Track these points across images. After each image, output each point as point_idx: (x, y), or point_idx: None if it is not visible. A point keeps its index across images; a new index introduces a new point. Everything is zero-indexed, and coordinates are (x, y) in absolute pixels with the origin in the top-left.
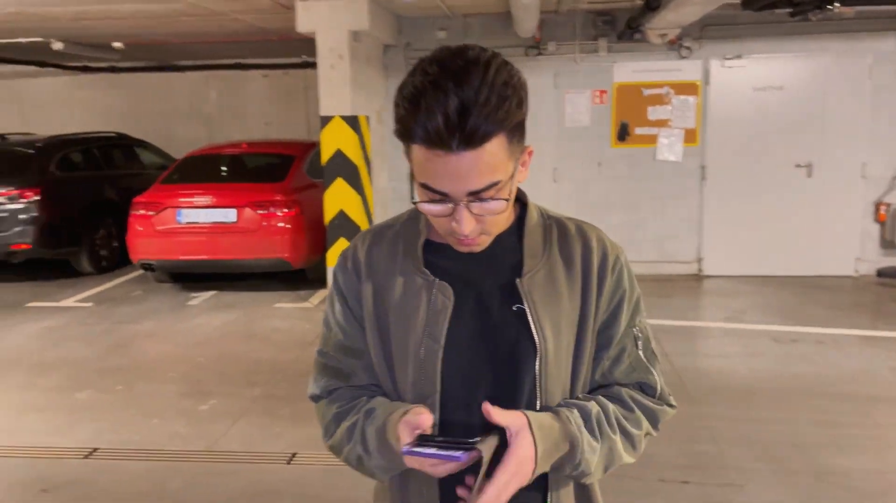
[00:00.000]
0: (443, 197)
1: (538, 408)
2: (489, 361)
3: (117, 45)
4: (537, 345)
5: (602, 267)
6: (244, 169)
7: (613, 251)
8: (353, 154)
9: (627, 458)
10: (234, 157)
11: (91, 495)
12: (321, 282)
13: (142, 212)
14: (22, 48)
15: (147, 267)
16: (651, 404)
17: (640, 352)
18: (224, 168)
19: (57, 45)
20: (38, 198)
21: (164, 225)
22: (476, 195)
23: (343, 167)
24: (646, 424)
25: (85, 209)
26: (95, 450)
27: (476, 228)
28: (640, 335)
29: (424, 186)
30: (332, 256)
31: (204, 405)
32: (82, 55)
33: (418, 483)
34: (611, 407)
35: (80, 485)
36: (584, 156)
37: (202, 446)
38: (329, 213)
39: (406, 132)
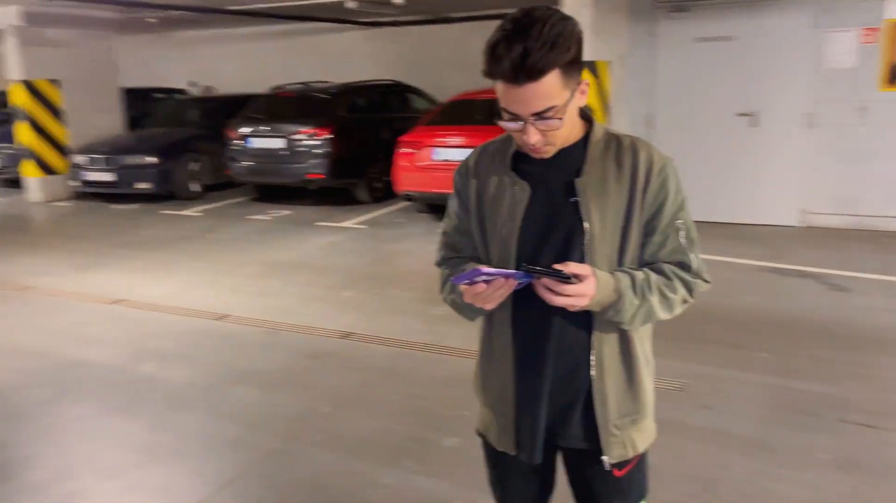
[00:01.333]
0: (515, 117)
1: None
2: (551, 238)
3: (398, 1)
4: (584, 228)
5: (648, 172)
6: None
7: (660, 161)
8: (590, 98)
9: (663, 315)
10: (487, 101)
11: (343, 364)
12: None
13: (405, 150)
14: (321, 7)
15: (408, 198)
16: (687, 276)
17: (681, 240)
18: (477, 112)
19: (350, 4)
20: (330, 136)
21: (422, 161)
22: (538, 115)
23: None
24: (682, 291)
25: (365, 147)
26: (352, 333)
27: (541, 139)
28: (681, 227)
29: (504, 110)
30: None
31: (437, 311)
32: (370, 11)
33: (499, 326)
34: (653, 276)
35: (337, 357)
36: (845, 100)
37: (429, 340)
38: None
39: (489, 73)
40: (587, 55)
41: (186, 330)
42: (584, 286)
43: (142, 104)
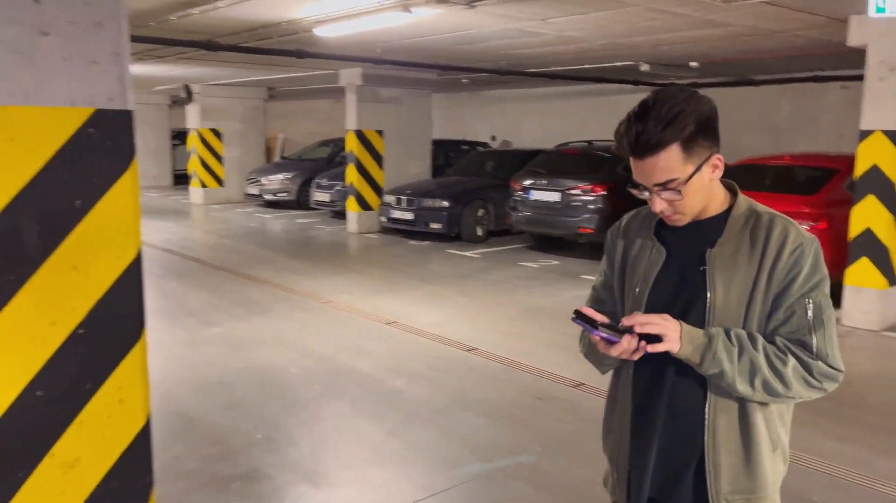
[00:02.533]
0: (641, 186)
1: None
2: (677, 303)
3: (693, 64)
4: (707, 297)
5: (780, 248)
6: (782, 179)
7: (797, 240)
8: (891, 170)
9: (777, 386)
10: (775, 167)
11: (567, 410)
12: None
13: None
14: (616, 70)
15: None
16: (803, 355)
17: (808, 319)
18: (768, 177)
19: (644, 67)
20: (604, 193)
21: None
22: (661, 186)
23: (877, 183)
24: (795, 366)
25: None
26: (583, 384)
27: (668, 208)
28: (810, 305)
29: (635, 180)
30: (853, 275)
31: None
32: (665, 74)
33: (623, 381)
34: (761, 340)
35: (563, 402)
36: None
37: None
38: (854, 230)
39: (618, 149)
40: (892, 124)
41: (439, 356)
42: (668, 320)
43: (448, 154)
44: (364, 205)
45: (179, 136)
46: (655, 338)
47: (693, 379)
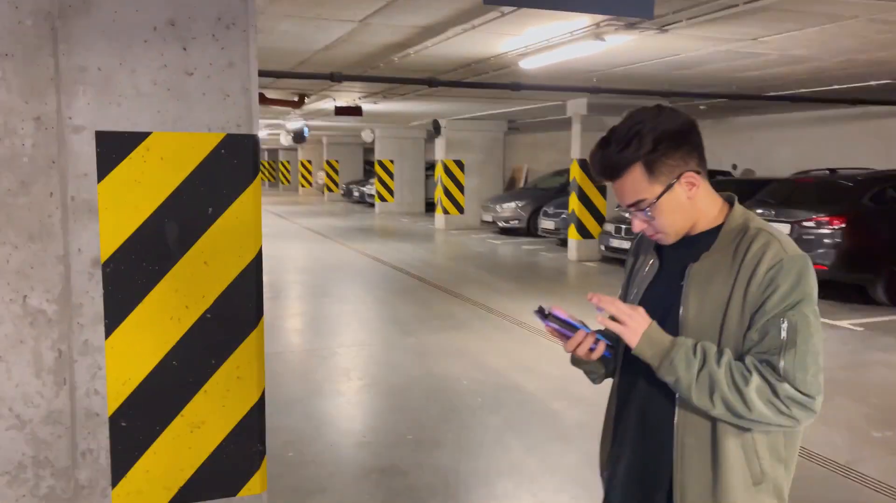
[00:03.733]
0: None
1: None
2: (658, 314)
3: None
4: (680, 312)
5: (757, 265)
6: None
7: (776, 256)
8: None
9: (737, 405)
10: None
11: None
12: None
13: None
14: (876, 90)
15: None
16: (770, 376)
17: (781, 339)
18: None
19: None
20: (843, 225)
21: None
22: (633, 206)
23: None
24: (759, 386)
25: (889, 241)
26: None
27: (647, 227)
28: (784, 324)
29: None
30: None
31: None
32: None
33: (612, 388)
34: (728, 357)
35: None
36: None
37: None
38: None
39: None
40: None
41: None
42: (637, 312)
43: None
44: (584, 233)
45: (431, 168)
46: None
47: (665, 394)
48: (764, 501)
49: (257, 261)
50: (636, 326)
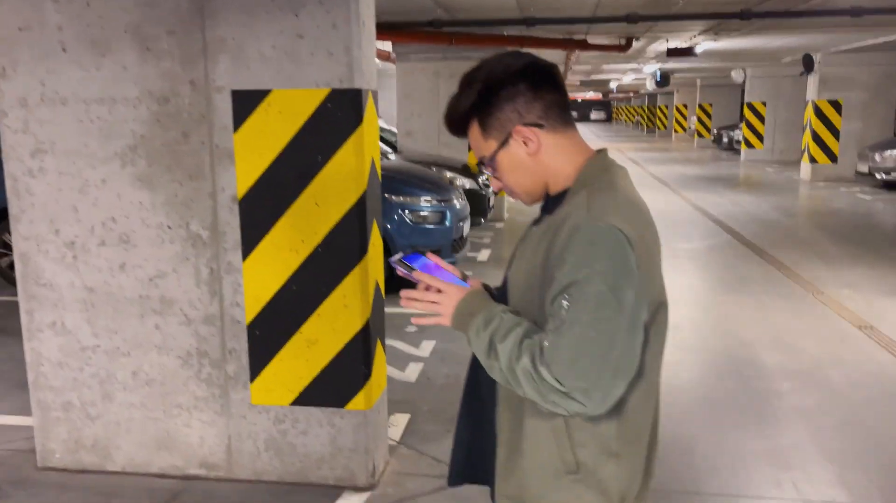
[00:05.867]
0: None
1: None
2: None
3: None
4: (506, 277)
5: (557, 229)
6: None
7: (577, 221)
8: None
9: (512, 382)
10: None
11: None
12: None
13: None
14: None
15: None
16: (536, 358)
17: (560, 318)
18: None
19: None
20: None
21: None
22: (481, 164)
23: None
24: (525, 366)
25: None
26: None
27: (499, 185)
28: (566, 304)
29: None
30: None
31: None
32: None
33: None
34: (517, 331)
35: None
36: None
37: None
38: None
39: None
40: None
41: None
42: (444, 291)
43: None
44: None
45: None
46: None
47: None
48: (580, 494)
49: (360, 204)
50: (445, 306)
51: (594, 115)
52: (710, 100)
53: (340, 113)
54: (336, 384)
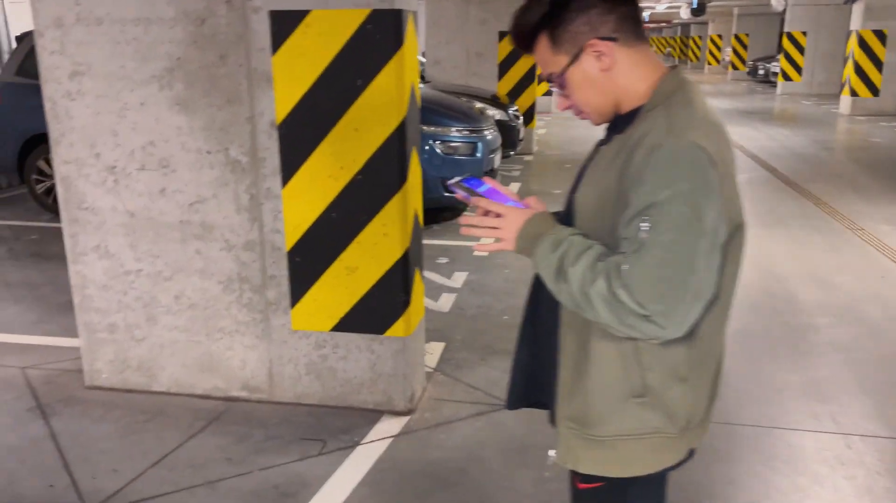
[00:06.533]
0: None
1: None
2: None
3: None
4: (573, 199)
5: (635, 147)
6: None
7: (657, 140)
8: None
9: (584, 305)
10: None
11: None
12: None
13: None
14: None
15: None
16: (613, 280)
17: (638, 240)
18: None
19: None
20: None
21: None
22: (548, 81)
23: None
24: (601, 289)
25: None
26: None
27: (566, 103)
28: (646, 226)
29: None
30: None
31: None
32: None
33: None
34: (591, 253)
35: None
36: None
37: None
38: None
39: None
40: None
41: None
42: (505, 215)
43: None
44: None
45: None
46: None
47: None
48: (643, 416)
49: (400, 131)
50: (507, 230)
51: None
52: (746, 30)
53: (380, 35)
54: (376, 311)
